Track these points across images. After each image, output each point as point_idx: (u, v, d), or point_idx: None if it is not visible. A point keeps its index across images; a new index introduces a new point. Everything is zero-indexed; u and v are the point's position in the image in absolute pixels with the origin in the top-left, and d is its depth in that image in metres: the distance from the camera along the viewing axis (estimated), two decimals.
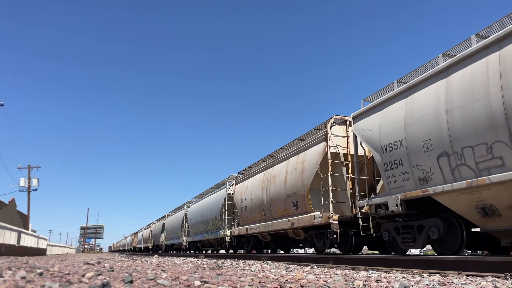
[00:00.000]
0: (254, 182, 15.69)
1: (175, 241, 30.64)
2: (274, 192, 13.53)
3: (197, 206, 25.16)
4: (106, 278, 3.83)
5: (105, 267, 6.12)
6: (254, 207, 15.25)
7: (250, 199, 15.62)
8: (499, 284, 4.36)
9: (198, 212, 24.13)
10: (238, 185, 18.06)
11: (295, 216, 12.15)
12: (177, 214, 31.12)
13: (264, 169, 15.24)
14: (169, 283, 3.64)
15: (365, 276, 5.37)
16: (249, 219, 15.80)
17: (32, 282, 3.21)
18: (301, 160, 12.11)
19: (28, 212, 44.10)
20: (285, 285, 3.87)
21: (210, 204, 21.84)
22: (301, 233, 12.55)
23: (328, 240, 11.05)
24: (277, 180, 13.39)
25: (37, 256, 28.24)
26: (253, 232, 15.42)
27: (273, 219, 13.74)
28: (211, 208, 21.26)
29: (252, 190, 15.50)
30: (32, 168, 44.63)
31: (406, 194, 8.10)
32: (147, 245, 44.38)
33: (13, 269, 4.36)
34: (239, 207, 17.12)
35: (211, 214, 21.03)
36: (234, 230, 17.99)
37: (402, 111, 8.28)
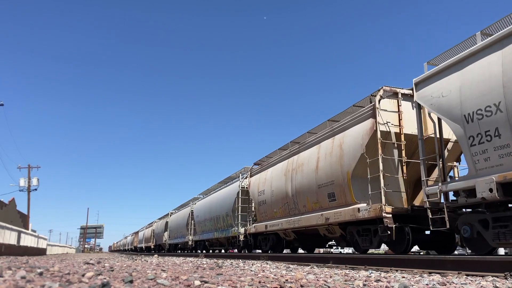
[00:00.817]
0: (274, 172, 13.94)
1: (179, 240, 29.01)
2: (301, 183, 11.72)
3: (204, 202, 23.50)
4: (106, 278, 3.84)
5: (105, 267, 6.12)
6: (275, 200, 13.54)
7: (270, 192, 13.91)
8: (499, 284, 4.36)
9: (206, 209, 22.51)
10: (254, 177, 16.16)
11: (330, 210, 10.37)
12: (182, 212, 29.43)
13: (287, 157, 13.38)
14: (169, 283, 3.64)
15: (365, 276, 5.37)
16: (269, 215, 14.14)
17: (32, 282, 3.21)
18: (338, 142, 10.29)
19: (28, 212, 44.12)
20: (285, 285, 3.87)
21: (220, 199, 20.10)
22: (336, 229, 10.85)
23: (376, 237, 9.27)
24: (306, 168, 11.54)
25: (37, 256, 28.25)
26: (274, 229, 13.68)
27: (300, 213, 11.94)
28: (222, 203, 19.59)
29: (272, 182, 13.80)
30: (32, 168, 44.69)
31: (506, 175, 6.28)
32: (149, 245, 42.92)
33: (13, 269, 4.36)
34: (256, 201, 15.31)
35: (222, 211, 19.42)
36: (250, 227, 16.09)
37: (496, 65, 6.55)
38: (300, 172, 11.93)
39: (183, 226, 27.68)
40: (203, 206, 23.28)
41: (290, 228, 12.60)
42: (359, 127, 9.70)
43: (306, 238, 13.52)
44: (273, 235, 14.75)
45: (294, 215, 12.32)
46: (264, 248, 15.68)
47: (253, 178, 16.32)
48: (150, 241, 42.25)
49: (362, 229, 9.84)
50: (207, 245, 24.12)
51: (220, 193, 20.77)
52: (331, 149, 10.51)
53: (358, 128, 9.72)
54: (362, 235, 9.81)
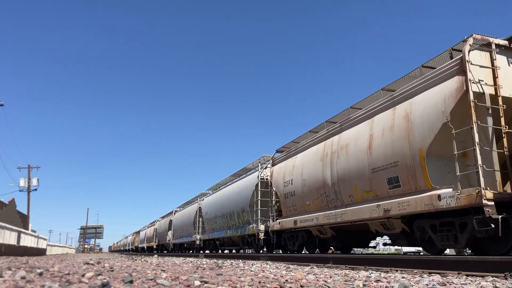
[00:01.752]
0: (306, 158, 11.85)
1: (185, 240, 27.05)
2: (346, 168, 9.69)
3: (214, 198, 21.50)
4: (106, 278, 3.83)
5: (105, 267, 6.12)
6: (307, 191, 11.48)
7: (300, 181, 11.82)
8: (499, 284, 4.36)
9: (216, 205, 20.49)
10: (277, 165, 14.14)
11: (391, 199, 8.32)
12: (188, 209, 27.37)
13: (323, 138, 11.23)
14: (169, 283, 3.64)
15: (364, 276, 5.37)
16: (299, 208, 12.04)
17: (32, 282, 3.21)
18: (402, 113, 8.21)
19: (28, 212, 44.12)
20: (285, 285, 3.87)
21: (234, 193, 17.98)
22: (396, 224, 8.83)
23: (464, 234, 6.98)
24: (352, 150, 9.55)
25: (37, 256, 28.25)
26: (306, 226, 11.63)
27: (343, 205, 9.90)
28: (236, 198, 17.46)
29: (304, 169, 11.74)
30: (32, 168, 44.67)
31: None
32: (151, 245, 41.06)
33: (13, 269, 4.36)
34: (281, 193, 13.25)
35: (236, 206, 17.34)
36: (273, 223, 13.93)
37: None
38: (343, 155, 9.88)
39: (190, 225, 25.83)
40: (213, 202, 21.30)
41: (328, 223, 10.52)
42: (437, 90, 7.55)
43: (346, 236, 11.38)
44: (303, 233, 12.67)
45: (335, 208, 10.23)
46: (291, 247, 13.51)
47: (276, 167, 14.23)
48: (152, 241, 40.58)
49: (440, 223, 7.57)
50: (218, 245, 22.06)
51: (234, 187, 18.55)
52: (392, 123, 8.45)
53: (435, 92, 7.57)
54: (441, 230, 7.54)
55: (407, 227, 8.60)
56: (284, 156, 13.83)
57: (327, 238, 11.76)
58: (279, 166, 13.93)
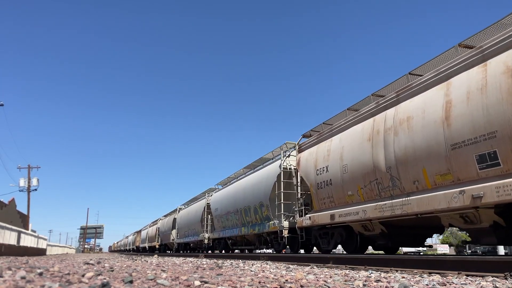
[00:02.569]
0: (346, 140, 10.16)
1: (192, 239, 25.20)
2: (408, 146, 7.91)
3: (225, 192, 19.72)
4: (106, 278, 3.84)
5: (105, 267, 6.12)
6: (349, 179, 9.77)
7: (339, 168, 10.17)
8: (499, 284, 4.36)
9: (228, 200, 18.71)
10: (305, 151, 12.33)
11: (485, 182, 6.47)
12: (195, 206, 25.38)
13: (370, 114, 9.49)
14: (169, 283, 3.64)
15: (365, 276, 5.37)
16: (337, 200, 10.32)
17: (32, 282, 3.21)
18: (499, 68, 6.44)
19: (28, 212, 44.12)
20: (285, 285, 3.87)
21: (250, 186, 16.18)
22: (486, 215, 6.91)
23: None
24: (416, 124, 7.77)
25: (37, 256, 28.25)
26: (347, 221, 9.84)
27: (404, 194, 8.07)
28: (253, 192, 15.74)
29: (343, 153, 10.09)
30: (32, 168, 44.69)
31: None
32: (153, 244, 39.22)
33: (13, 269, 4.36)
34: (312, 183, 11.42)
35: (253, 200, 15.56)
36: (301, 219, 11.99)
37: None
38: (404, 131, 8.12)
39: (197, 222, 23.90)
40: (224, 197, 19.46)
41: (380, 217, 8.78)
42: None
43: (399, 233, 9.48)
44: (340, 229, 10.78)
45: (390, 198, 8.47)
46: (325, 246, 11.48)
47: (304, 153, 12.35)
48: (154, 240, 38.72)
49: None
50: (230, 244, 19.87)
51: (250, 179, 16.65)
52: (482, 82, 6.68)
53: None
54: None
55: (502, 219, 6.75)
56: (315, 140, 11.96)
57: (373, 236, 9.73)
58: (308, 152, 12.06)
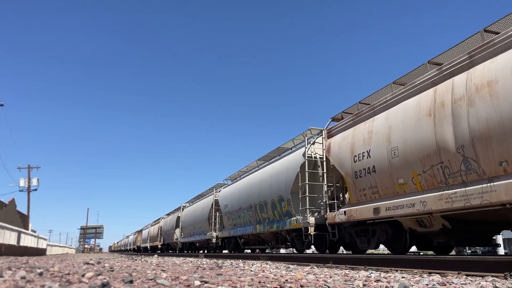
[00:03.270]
0: (395, 117, 8.51)
1: (198, 238, 23.83)
2: (490, 119, 6.42)
3: (237, 187, 18.02)
4: (106, 278, 3.84)
5: (105, 267, 6.12)
6: (401, 164, 8.17)
7: (386, 152, 8.56)
8: (499, 284, 4.36)
9: (240, 195, 17.13)
10: (337, 136, 10.78)
11: None
12: (201, 203, 24.06)
13: (430, 84, 7.82)
14: (169, 283, 3.64)
15: (364, 276, 5.38)
16: (383, 190, 8.74)
17: (32, 282, 3.21)
18: None
19: (28, 212, 44.11)
20: (285, 285, 3.87)
21: (267, 179, 14.48)
22: None
23: None
24: (504, 89, 6.27)
25: (37, 256, 28.25)
26: (398, 215, 8.29)
27: (484, 179, 6.56)
28: (271, 184, 14.05)
29: (392, 134, 8.46)
30: (32, 168, 44.68)
31: None
32: (155, 244, 37.78)
33: (13, 269, 4.37)
34: (348, 172, 9.83)
35: (271, 194, 13.93)
36: (334, 214, 10.39)
37: None
38: (483, 99, 6.55)
39: (203, 220, 22.51)
40: (235, 192, 17.91)
41: (445, 209, 7.23)
42: None
43: (465, 229, 7.94)
44: (386, 226, 9.17)
45: (463, 184, 6.89)
46: (364, 246, 9.86)
47: (335, 138, 10.83)
48: (156, 240, 37.29)
49: None
50: (242, 243, 18.22)
51: (266, 172, 15.05)
52: None
53: None
54: None
55: None
56: (349, 122, 10.33)
57: (430, 233, 8.27)
58: (341, 137, 10.53)
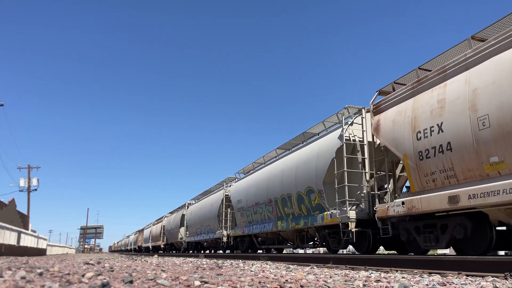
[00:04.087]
0: (481, 78, 6.75)
1: (205, 237, 22.40)
2: None
3: (252, 180, 16.44)
4: (106, 278, 3.84)
5: (105, 267, 6.12)
6: (494, 137, 6.44)
7: (469, 123, 6.86)
8: (499, 284, 4.36)
9: (256, 189, 15.52)
10: (389, 111, 8.96)
11: None
12: (209, 199, 22.55)
13: None
14: (169, 283, 3.64)
15: (365, 276, 5.38)
16: (463, 173, 7.00)
17: (32, 282, 3.21)
18: None
19: (28, 212, 44.12)
20: (285, 285, 3.87)
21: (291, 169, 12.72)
22: None
23: None
24: None
25: (37, 256, 28.25)
26: (488, 204, 6.54)
27: None
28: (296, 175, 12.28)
29: (477, 99, 6.74)
30: (32, 168, 44.68)
31: None
32: (158, 244, 36.40)
33: (13, 269, 4.37)
34: (408, 153, 8.10)
35: (296, 186, 12.19)
36: (385, 206, 8.65)
37: None
38: None
39: (212, 218, 21.17)
40: (251, 185, 16.30)
41: None
42: None
43: None
44: (463, 219, 7.35)
45: None
46: (429, 245, 8.02)
47: (386, 114, 8.98)
48: (159, 240, 35.88)
49: None
50: (257, 243, 16.52)
51: (289, 161, 13.22)
52: None
53: None
54: None
55: None
56: (407, 92, 8.48)
57: None
58: (395, 111, 8.70)
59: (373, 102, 9.77)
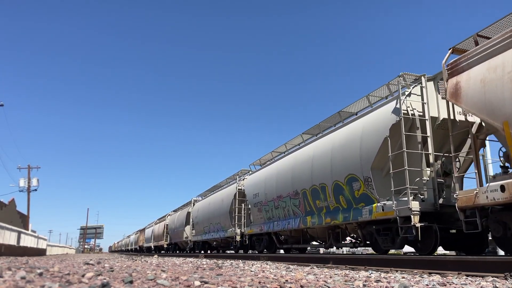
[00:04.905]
0: None
1: (215, 236, 20.72)
2: None
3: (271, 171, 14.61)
4: (106, 278, 3.84)
5: (105, 267, 6.12)
6: None
7: None
8: (499, 284, 4.36)
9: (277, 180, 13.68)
10: (475, 69, 7.00)
11: None
12: (219, 194, 20.91)
13: None
14: (169, 283, 3.64)
15: (365, 276, 5.38)
16: None
17: (32, 282, 3.21)
18: None
19: (28, 212, 44.11)
20: (285, 285, 3.87)
21: (325, 154, 10.86)
22: None
23: None
24: None
25: (37, 256, 28.26)
26: None
27: None
28: (331, 161, 10.49)
29: None
30: (32, 168, 44.65)
31: None
32: (160, 244, 34.87)
33: (13, 269, 4.37)
34: (511, 119, 6.28)
35: (332, 175, 10.43)
36: (473, 192, 6.77)
37: None
38: None
39: (223, 215, 19.48)
40: (270, 176, 14.52)
41: None
42: None
43: None
44: None
45: None
46: None
47: (469, 74, 7.06)
48: (162, 239, 34.32)
49: None
50: (280, 241, 14.54)
51: (319, 146, 11.51)
52: None
53: None
54: None
55: None
56: (505, 41, 6.50)
57: None
58: (485, 68, 6.74)
59: (446, 62, 7.84)
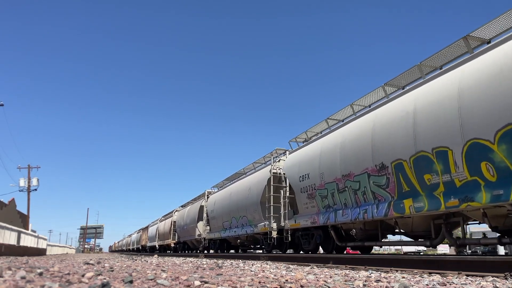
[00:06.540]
0: None
1: (238, 232, 16.79)
2: None
3: (329, 143, 10.71)
4: (106, 278, 3.83)
5: (105, 267, 6.12)
6: None
7: None
8: (499, 284, 4.36)
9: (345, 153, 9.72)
10: None
11: None
12: (244, 181, 17.19)
13: None
14: (169, 283, 3.64)
15: (365, 276, 5.37)
16: None
17: (32, 282, 3.21)
18: None
19: (28, 212, 44.08)
20: (285, 285, 3.87)
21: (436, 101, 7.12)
22: None
23: None
24: None
25: (37, 256, 28.24)
26: None
27: None
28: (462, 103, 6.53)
29: None
30: (32, 168, 44.63)
31: None
32: (167, 243, 30.91)
33: (13, 269, 4.36)
34: None
35: (463, 129, 6.42)
36: None
37: None
38: None
39: (251, 206, 15.60)
40: (329, 150, 10.56)
41: None
42: None
43: None
44: None
45: None
46: None
47: None
48: (168, 238, 30.40)
49: None
50: (342, 237, 10.45)
51: (425, 92, 7.67)
52: None
53: None
54: None
55: None
56: None
57: None
58: None
59: None
